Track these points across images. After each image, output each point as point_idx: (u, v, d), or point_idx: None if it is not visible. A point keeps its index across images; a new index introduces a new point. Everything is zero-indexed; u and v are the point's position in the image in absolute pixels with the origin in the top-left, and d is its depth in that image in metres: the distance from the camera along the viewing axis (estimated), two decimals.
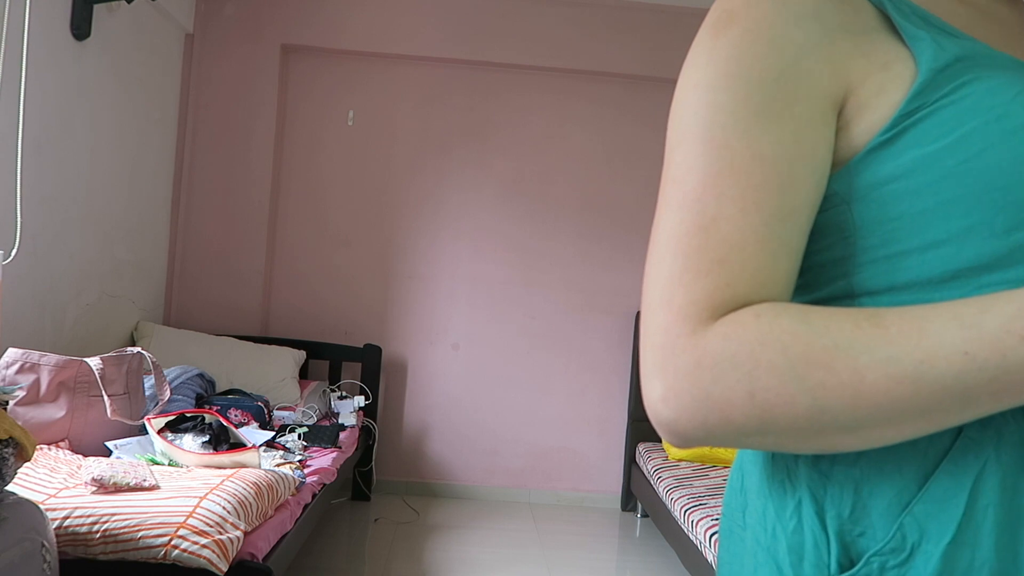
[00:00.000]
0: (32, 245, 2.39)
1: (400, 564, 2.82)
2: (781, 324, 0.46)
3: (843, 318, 0.45)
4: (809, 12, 0.52)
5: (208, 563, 1.57)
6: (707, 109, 0.52)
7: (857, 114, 0.52)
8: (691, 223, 0.50)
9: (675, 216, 0.51)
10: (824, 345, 0.44)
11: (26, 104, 2.23)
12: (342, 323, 3.68)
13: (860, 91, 0.52)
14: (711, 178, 0.50)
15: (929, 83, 0.49)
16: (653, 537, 3.31)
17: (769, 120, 0.50)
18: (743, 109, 0.51)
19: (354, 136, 3.69)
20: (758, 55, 0.51)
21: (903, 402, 0.43)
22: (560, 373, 3.75)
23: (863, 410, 0.44)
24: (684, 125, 0.53)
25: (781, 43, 0.51)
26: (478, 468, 3.72)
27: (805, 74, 0.51)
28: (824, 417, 0.44)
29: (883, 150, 0.51)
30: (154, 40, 3.22)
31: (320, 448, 2.69)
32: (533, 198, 3.73)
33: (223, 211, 3.57)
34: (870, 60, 0.52)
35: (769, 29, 0.52)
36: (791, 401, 0.45)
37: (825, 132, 0.52)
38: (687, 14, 3.64)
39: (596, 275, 3.74)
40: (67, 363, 2.10)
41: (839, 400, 0.44)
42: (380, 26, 3.59)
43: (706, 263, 0.49)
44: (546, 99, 3.73)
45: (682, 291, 0.49)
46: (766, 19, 0.52)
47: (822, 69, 0.51)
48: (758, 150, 0.50)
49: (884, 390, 0.43)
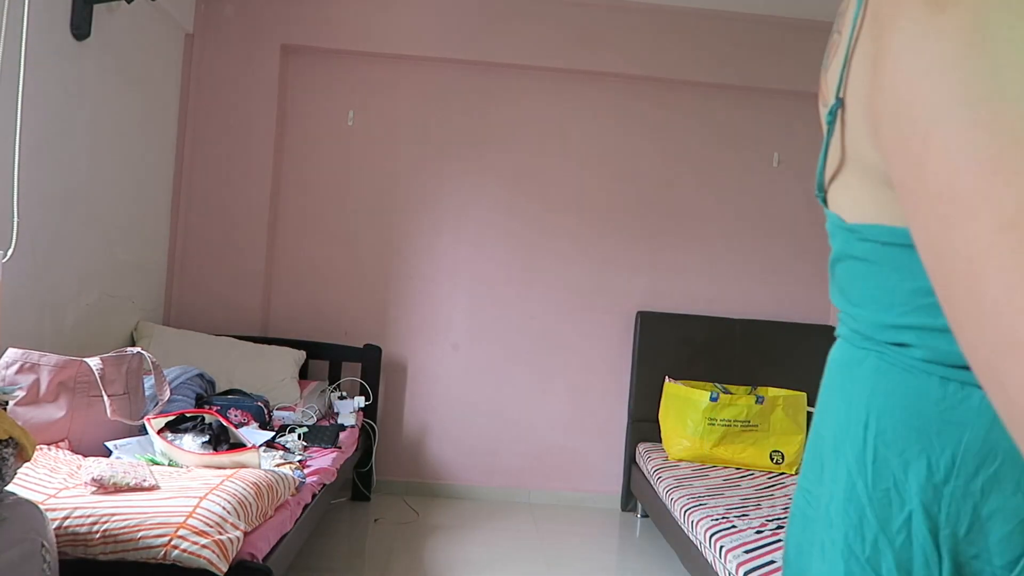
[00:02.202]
0: (32, 245, 2.38)
1: (400, 564, 2.81)
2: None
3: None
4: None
5: (208, 563, 1.56)
6: (956, 87, 0.39)
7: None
8: (990, 228, 0.36)
9: (957, 235, 0.38)
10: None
11: (25, 104, 2.23)
12: (342, 323, 3.68)
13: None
14: (993, 162, 0.36)
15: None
16: (653, 537, 3.31)
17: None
18: (1009, 70, 0.37)
19: (354, 136, 3.69)
20: (1012, 11, 0.38)
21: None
22: (560, 373, 3.75)
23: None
24: (925, 123, 0.40)
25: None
26: (478, 468, 3.72)
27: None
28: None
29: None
30: (154, 40, 3.22)
31: (320, 448, 2.69)
32: (533, 198, 3.73)
33: (223, 211, 3.57)
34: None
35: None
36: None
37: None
38: (687, 14, 3.64)
39: (596, 275, 3.74)
40: (67, 363, 2.10)
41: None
42: (380, 26, 3.59)
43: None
44: (546, 99, 3.73)
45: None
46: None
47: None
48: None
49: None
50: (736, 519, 2.38)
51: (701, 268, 3.77)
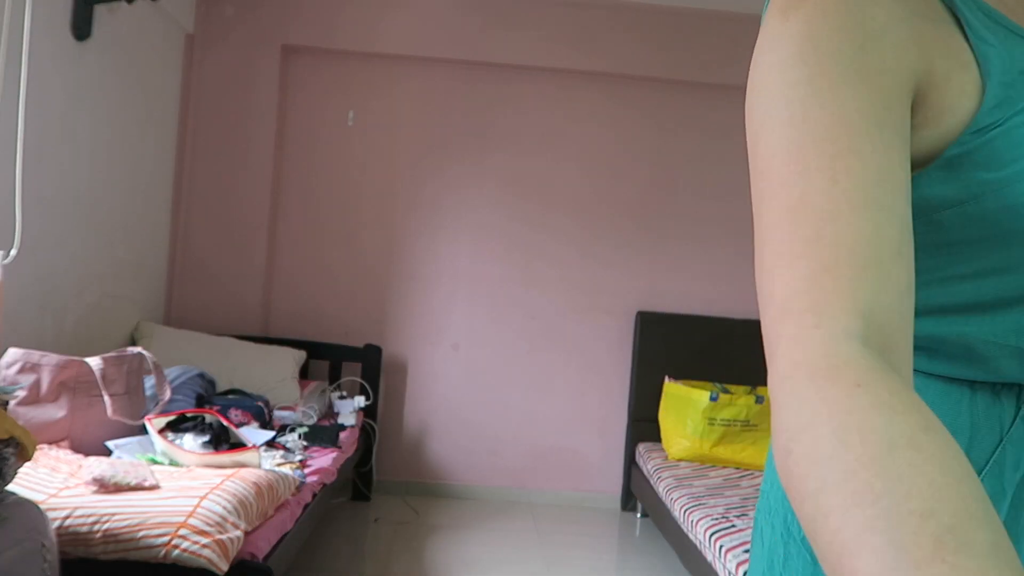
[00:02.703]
0: (33, 245, 2.39)
1: (400, 564, 2.82)
2: (851, 429, 0.34)
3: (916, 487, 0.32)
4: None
5: (208, 563, 1.57)
6: (782, 88, 0.46)
7: (937, 115, 0.47)
8: (780, 207, 0.44)
9: (764, 208, 0.45)
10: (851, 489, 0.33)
11: (27, 104, 2.23)
12: (342, 323, 3.68)
13: (943, 88, 0.47)
14: (793, 155, 0.44)
15: (1003, 99, 0.46)
16: (653, 537, 3.31)
17: (852, 86, 0.44)
18: (821, 79, 0.45)
19: (354, 136, 3.70)
20: (835, 27, 0.46)
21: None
22: (560, 373, 3.75)
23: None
24: (761, 114, 0.47)
25: (860, 16, 0.46)
26: (478, 468, 3.72)
27: (891, 47, 0.45)
28: (798, 509, 0.36)
29: (953, 169, 0.47)
30: (154, 40, 3.23)
31: (320, 448, 2.69)
32: (533, 198, 3.73)
33: (223, 211, 3.57)
34: (951, 55, 0.47)
35: (844, 3, 0.46)
36: (798, 495, 0.36)
37: (907, 115, 0.46)
38: (688, 15, 3.64)
39: (596, 275, 3.74)
40: (68, 363, 2.10)
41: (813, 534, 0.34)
42: (380, 26, 3.59)
43: (799, 245, 0.42)
44: (546, 99, 3.73)
45: (781, 285, 0.42)
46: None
47: (908, 47, 0.46)
48: (842, 115, 0.43)
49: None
50: (736, 519, 2.39)
51: (701, 268, 3.77)
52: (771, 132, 0.46)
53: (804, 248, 0.41)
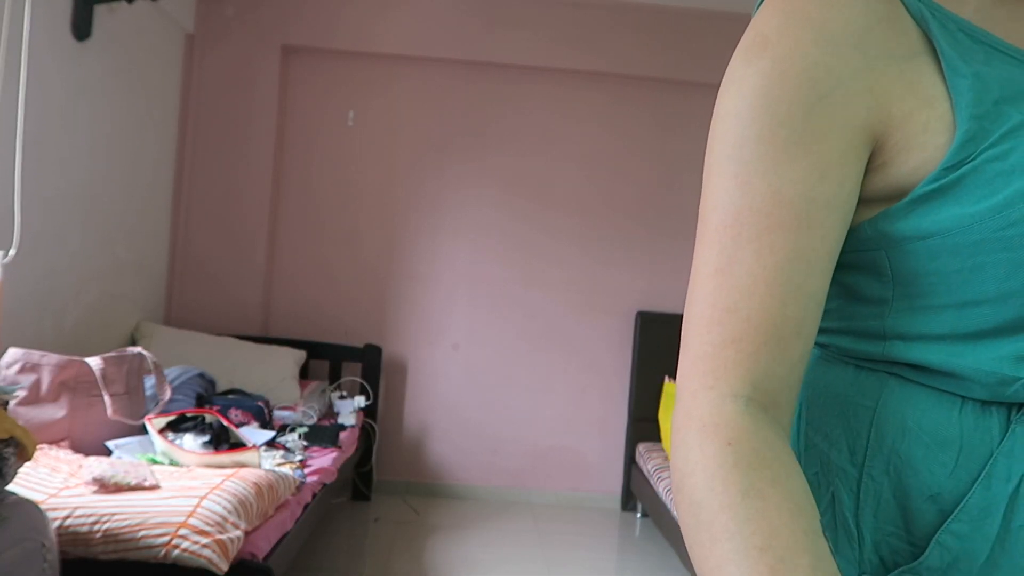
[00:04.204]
0: (33, 245, 2.39)
1: (400, 564, 2.82)
2: (717, 479, 0.44)
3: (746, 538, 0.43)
4: (850, 37, 0.49)
5: (209, 563, 1.57)
6: (734, 142, 0.50)
7: (900, 153, 0.49)
8: (712, 264, 0.50)
9: (702, 253, 0.51)
10: (701, 541, 0.44)
11: (27, 104, 2.23)
12: (342, 323, 3.68)
13: (905, 127, 0.49)
14: (731, 217, 0.49)
15: (975, 133, 0.47)
16: (653, 537, 3.31)
17: (794, 157, 0.49)
18: (767, 145, 0.49)
19: (354, 136, 3.70)
20: (788, 88, 0.49)
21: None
22: (560, 373, 3.75)
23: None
24: (714, 156, 0.52)
25: (814, 73, 0.49)
26: (478, 468, 3.72)
27: (840, 106, 0.49)
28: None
29: (924, 205, 0.49)
30: (154, 40, 3.22)
31: (320, 448, 2.69)
32: (533, 198, 3.73)
33: (223, 211, 3.57)
34: (915, 93, 0.49)
35: (802, 59, 0.49)
36: (683, 525, 0.47)
37: (856, 168, 0.50)
38: (688, 15, 3.64)
39: (596, 275, 3.74)
40: (68, 363, 2.10)
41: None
42: (380, 26, 3.59)
43: (719, 312, 0.49)
44: (546, 99, 3.73)
45: (696, 341, 0.50)
46: (799, 47, 0.49)
47: (860, 101, 0.49)
48: (778, 189, 0.48)
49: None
50: None
51: None
52: (718, 180, 0.51)
53: (722, 316, 0.48)
